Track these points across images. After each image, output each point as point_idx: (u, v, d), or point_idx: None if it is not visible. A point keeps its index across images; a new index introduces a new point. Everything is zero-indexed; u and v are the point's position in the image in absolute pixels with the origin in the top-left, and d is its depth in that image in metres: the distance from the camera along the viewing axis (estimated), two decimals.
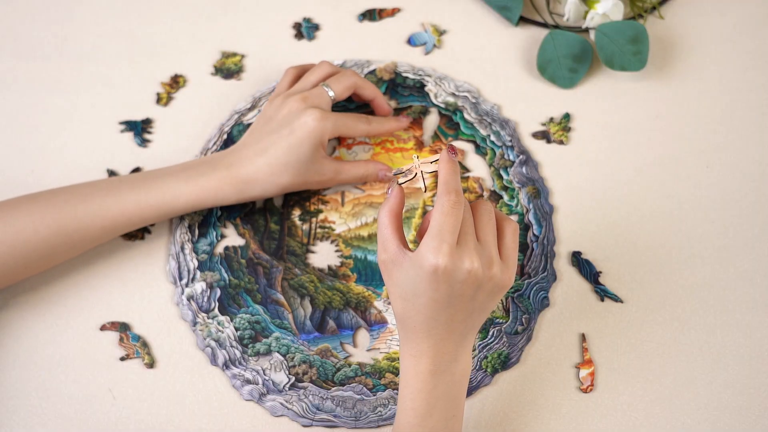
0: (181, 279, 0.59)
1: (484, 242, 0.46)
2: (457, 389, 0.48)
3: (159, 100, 0.65)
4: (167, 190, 0.55)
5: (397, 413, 0.48)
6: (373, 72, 0.66)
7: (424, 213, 0.62)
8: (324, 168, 0.57)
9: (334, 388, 0.56)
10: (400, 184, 0.48)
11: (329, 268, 0.59)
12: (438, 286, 0.44)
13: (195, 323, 0.58)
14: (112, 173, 0.62)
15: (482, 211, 0.47)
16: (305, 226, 0.61)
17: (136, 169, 0.62)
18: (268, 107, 0.58)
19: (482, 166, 0.63)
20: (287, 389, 0.56)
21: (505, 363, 0.56)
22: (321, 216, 0.61)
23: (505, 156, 0.63)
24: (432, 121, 0.65)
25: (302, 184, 0.57)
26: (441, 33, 0.68)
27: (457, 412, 0.48)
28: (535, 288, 0.59)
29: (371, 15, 0.69)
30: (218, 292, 0.59)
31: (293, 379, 0.56)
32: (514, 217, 0.61)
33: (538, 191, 0.62)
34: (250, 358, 0.57)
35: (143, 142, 0.63)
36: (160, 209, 0.55)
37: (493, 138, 0.64)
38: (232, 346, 0.57)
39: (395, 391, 0.56)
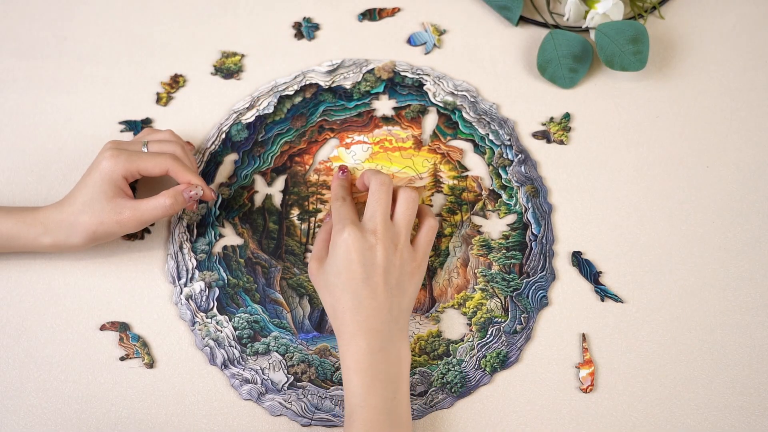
0: (179, 278, 0.59)
1: (395, 223, 0.54)
2: (395, 370, 0.51)
3: (159, 99, 0.66)
4: (5, 231, 0.55)
5: (344, 399, 0.51)
6: (371, 71, 0.66)
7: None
8: (124, 208, 0.55)
9: (333, 388, 0.56)
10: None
11: None
12: (350, 264, 0.52)
13: (194, 323, 0.58)
14: None
15: (404, 198, 0.55)
16: (304, 226, 0.61)
17: None
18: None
19: (481, 165, 0.63)
20: (286, 389, 0.56)
21: (504, 362, 0.57)
22: (320, 215, 0.62)
23: (504, 155, 0.63)
24: (430, 120, 0.65)
25: (102, 225, 0.55)
26: (441, 33, 0.69)
27: (399, 394, 0.51)
28: (534, 287, 0.59)
29: (371, 14, 0.69)
30: (217, 292, 0.59)
31: (292, 378, 0.56)
32: (513, 217, 0.62)
33: (537, 190, 0.62)
34: (249, 357, 0.57)
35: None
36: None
37: (491, 137, 0.64)
38: (230, 346, 0.57)
39: None
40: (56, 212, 0.56)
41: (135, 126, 0.65)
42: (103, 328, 0.58)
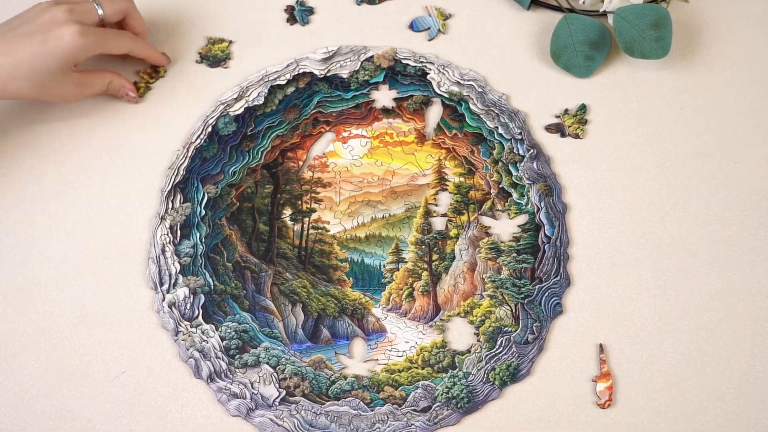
0: (161, 284, 0.59)
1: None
2: None
3: (136, 89, 0.66)
4: None
5: None
6: (370, 59, 0.66)
7: (426, 213, 0.62)
8: (66, 82, 0.59)
9: (328, 403, 0.56)
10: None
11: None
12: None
13: (177, 332, 0.58)
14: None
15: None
16: (297, 227, 0.61)
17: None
18: (30, 9, 0.60)
19: (489, 160, 0.63)
20: (278, 404, 0.56)
21: (514, 375, 0.56)
22: (314, 216, 0.62)
23: (515, 150, 0.63)
24: (435, 112, 0.65)
25: (41, 94, 0.58)
26: (446, 17, 0.69)
27: None
28: (547, 294, 0.59)
29: None
30: (202, 299, 0.59)
31: (284, 392, 0.56)
32: (524, 217, 0.61)
33: (550, 188, 0.62)
34: (237, 370, 0.57)
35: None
36: None
37: (501, 130, 0.64)
38: (217, 357, 0.57)
39: (395, 405, 0.56)
40: None
41: None
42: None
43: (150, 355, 0.57)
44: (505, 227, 0.61)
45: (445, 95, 0.65)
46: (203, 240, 0.60)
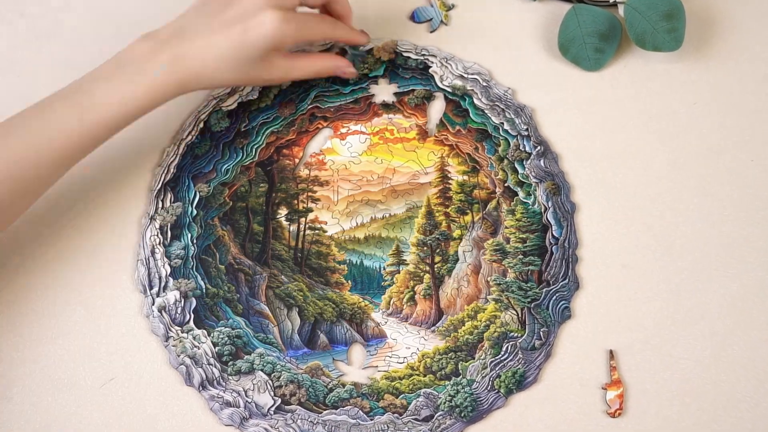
0: (151, 287, 0.59)
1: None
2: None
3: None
4: (111, 96, 0.54)
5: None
6: (370, 52, 0.66)
7: (428, 212, 0.62)
8: (274, 66, 0.58)
9: (325, 412, 0.56)
10: None
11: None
12: None
13: (167, 338, 0.57)
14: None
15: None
16: (293, 228, 0.61)
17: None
18: None
19: (494, 158, 0.63)
20: (272, 413, 0.56)
21: (520, 383, 0.56)
22: (311, 216, 0.62)
23: (521, 147, 0.63)
24: (437, 107, 0.65)
25: (247, 81, 0.59)
26: (449, 8, 0.68)
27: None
28: (554, 297, 0.59)
29: None
30: (194, 303, 0.59)
31: (279, 401, 0.56)
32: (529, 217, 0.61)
33: (558, 187, 0.62)
34: (231, 377, 0.56)
35: None
36: (108, 121, 0.54)
37: (506, 126, 0.64)
38: (209, 364, 0.57)
39: (396, 414, 0.55)
40: (201, 66, 0.56)
41: None
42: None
43: (139, 362, 0.57)
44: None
45: (448, 89, 0.65)
46: (195, 241, 0.60)
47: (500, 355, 0.57)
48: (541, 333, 0.58)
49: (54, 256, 0.59)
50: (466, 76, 0.65)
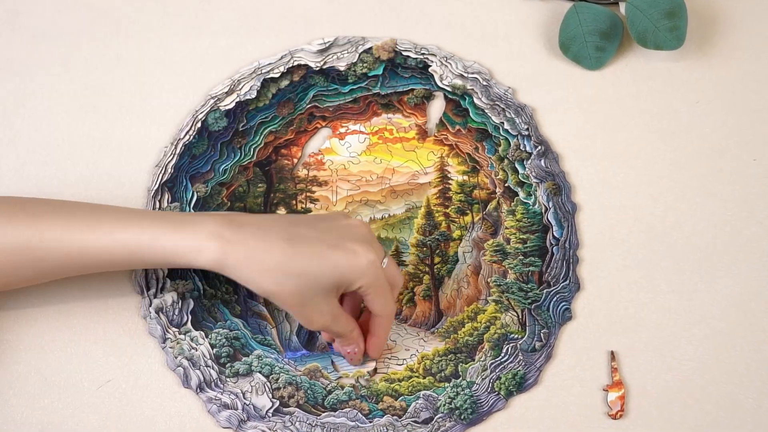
0: (148, 288, 0.59)
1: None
2: None
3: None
4: (143, 232, 0.50)
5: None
6: (369, 50, 0.66)
7: (428, 212, 0.62)
8: (327, 308, 0.52)
9: (324, 414, 0.56)
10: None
11: None
12: None
13: (165, 339, 0.57)
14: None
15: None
16: None
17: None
18: (339, 218, 0.55)
19: (495, 158, 0.63)
20: (271, 415, 0.55)
21: (521, 385, 0.56)
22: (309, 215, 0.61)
23: (521, 147, 0.63)
24: (437, 107, 0.65)
25: (295, 311, 0.52)
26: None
27: None
28: (555, 298, 0.59)
29: None
30: (191, 304, 0.58)
31: (277, 403, 0.56)
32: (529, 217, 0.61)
33: (559, 187, 0.62)
34: (228, 379, 0.56)
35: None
36: (131, 254, 0.51)
37: (507, 126, 0.64)
38: (207, 366, 0.57)
39: (395, 417, 0.55)
40: (248, 252, 0.50)
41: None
42: None
43: (136, 363, 0.57)
44: None
45: (448, 89, 0.65)
46: None
47: (500, 357, 0.57)
48: (541, 334, 0.58)
49: None
50: (466, 75, 0.65)
